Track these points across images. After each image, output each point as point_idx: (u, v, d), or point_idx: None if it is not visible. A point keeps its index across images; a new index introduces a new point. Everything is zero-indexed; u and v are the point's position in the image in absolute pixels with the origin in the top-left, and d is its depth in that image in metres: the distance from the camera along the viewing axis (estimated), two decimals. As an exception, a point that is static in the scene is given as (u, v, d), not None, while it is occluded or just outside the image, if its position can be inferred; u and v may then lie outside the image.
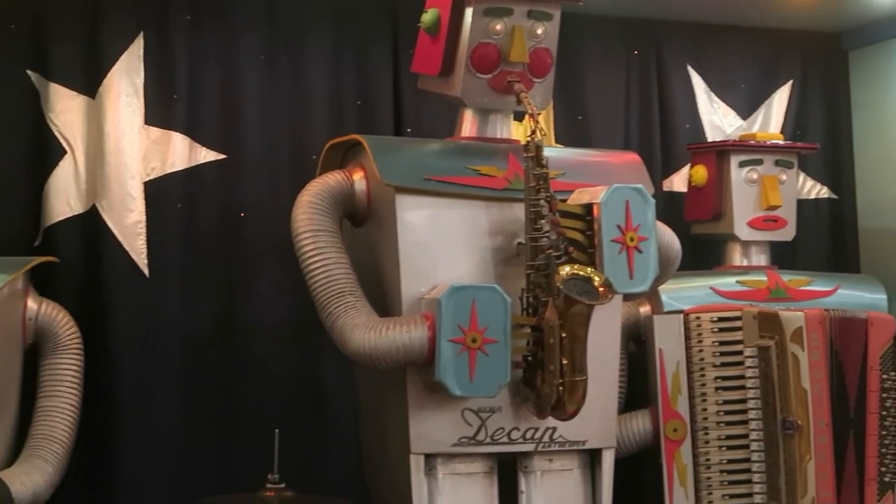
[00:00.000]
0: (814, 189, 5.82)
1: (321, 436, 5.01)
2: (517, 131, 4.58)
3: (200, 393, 4.95)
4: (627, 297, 4.48)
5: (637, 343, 4.92)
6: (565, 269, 4.05)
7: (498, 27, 4.28)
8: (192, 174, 4.96)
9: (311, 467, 4.90)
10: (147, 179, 4.89)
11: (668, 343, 4.79)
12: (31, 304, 4.41)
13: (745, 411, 4.79)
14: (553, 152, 4.35)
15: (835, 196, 5.88)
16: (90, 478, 4.54)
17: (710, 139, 5.60)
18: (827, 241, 5.84)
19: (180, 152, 4.94)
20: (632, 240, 4.17)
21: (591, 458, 4.45)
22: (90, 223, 4.84)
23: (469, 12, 4.28)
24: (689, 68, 5.69)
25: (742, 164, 5.21)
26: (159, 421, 4.85)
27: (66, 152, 4.84)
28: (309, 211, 4.23)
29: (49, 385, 4.41)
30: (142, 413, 4.82)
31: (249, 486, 4.33)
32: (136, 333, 4.86)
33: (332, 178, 4.34)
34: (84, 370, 4.48)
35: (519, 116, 4.56)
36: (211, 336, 4.97)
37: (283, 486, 4.22)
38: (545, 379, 4.09)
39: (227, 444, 4.93)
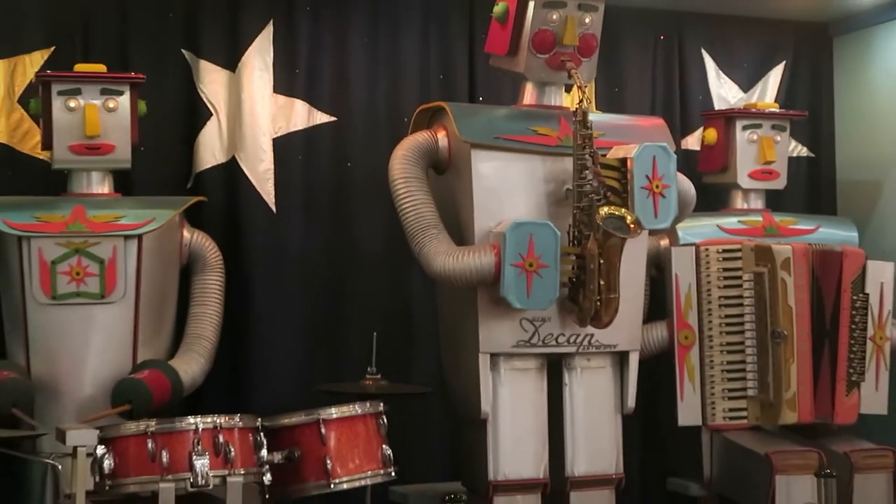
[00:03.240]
0: (796, 149, 5.74)
1: (409, 339, 5.05)
2: (567, 100, 4.55)
3: (315, 304, 5.00)
4: (652, 233, 4.46)
5: (658, 269, 4.91)
6: (604, 210, 4.09)
7: (554, 17, 4.28)
8: (310, 133, 4.97)
9: (401, 363, 4.94)
10: (275, 136, 4.91)
11: (682, 269, 4.80)
12: (186, 233, 4.50)
13: (742, 324, 4.81)
14: (595, 117, 4.35)
15: (812, 155, 5.80)
16: (232, 367, 4.61)
17: (717, 108, 5.53)
18: (805, 189, 5.76)
19: (301, 115, 4.95)
20: (657, 187, 4.19)
21: (620, 359, 4.48)
22: (230, 170, 4.87)
23: (531, 5, 4.29)
24: (703, 51, 5.62)
25: (745, 128, 5.16)
26: (283, 325, 4.91)
27: (212, 114, 4.87)
28: (402, 162, 4.27)
29: (199, 296, 4.51)
30: (270, 319, 4.88)
31: (353, 376, 4.39)
32: (265, 257, 4.90)
33: (421, 136, 4.37)
34: (225, 285, 4.57)
35: (568, 88, 4.53)
36: (323, 259, 5.00)
37: (378, 376, 4.30)
38: (586, 296, 4.13)
39: (336, 343, 4.97)
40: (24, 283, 4.13)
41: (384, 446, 4.05)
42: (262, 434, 3.83)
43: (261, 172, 4.87)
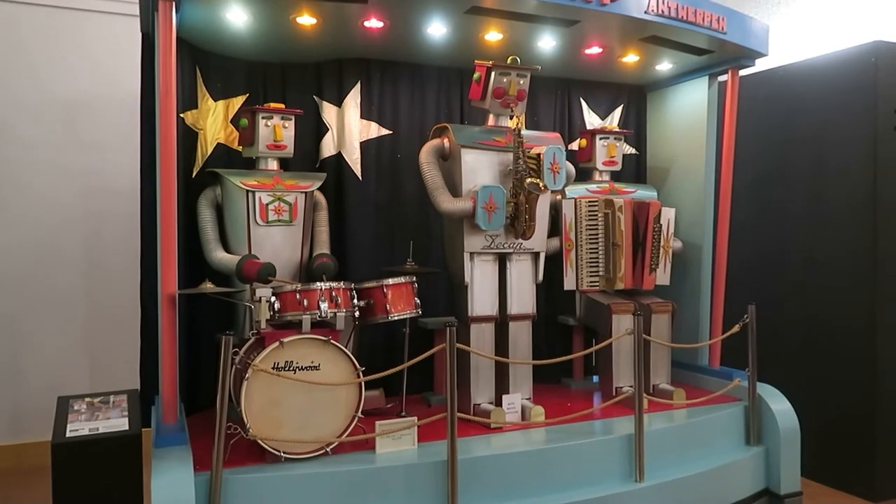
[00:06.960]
0: (628, 149, 5.65)
1: (429, 244, 4.97)
2: (510, 123, 4.46)
3: (381, 226, 4.87)
4: (553, 192, 4.43)
5: (556, 210, 4.85)
6: (528, 180, 4.05)
7: (504, 79, 4.19)
8: (379, 139, 4.85)
9: (426, 256, 4.89)
10: (361, 141, 4.79)
11: (568, 211, 4.75)
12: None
13: (597, 238, 4.77)
14: (524, 132, 4.25)
15: (637, 152, 5.69)
16: (338, 258, 4.55)
17: (588, 128, 5.43)
18: (632, 171, 5.65)
19: (374, 130, 4.84)
20: (556, 168, 4.15)
21: (536, 256, 4.43)
22: (338, 159, 4.76)
23: (493, 74, 4.19)
24: (581, 98, 5.49)
25: (601, 139, 5.08)
26: (364, 236, 4.80)
27: (328, 130, 4.76)
28: (426, 154, 4.21)
29: (318, 223, 4.46)
30: (356, 234, 4.77)
31: (400, 263, 4.41)
32: (355, 203, 4.73)
33: (436, 141, 4.28)
34: (331, 217, 4.53)
35: (511, 117, 4.43)
36: (386, 204, 4.89)
37: (413, 263, 4.28)
38: (519, 223, 4.11)
39: (391, 245, 4.88)
40: (249, 215, 4.12)
41: (416, 298, 4.07)
42: (354, 291, 3.84)
43: (353, 159, 4.77)
